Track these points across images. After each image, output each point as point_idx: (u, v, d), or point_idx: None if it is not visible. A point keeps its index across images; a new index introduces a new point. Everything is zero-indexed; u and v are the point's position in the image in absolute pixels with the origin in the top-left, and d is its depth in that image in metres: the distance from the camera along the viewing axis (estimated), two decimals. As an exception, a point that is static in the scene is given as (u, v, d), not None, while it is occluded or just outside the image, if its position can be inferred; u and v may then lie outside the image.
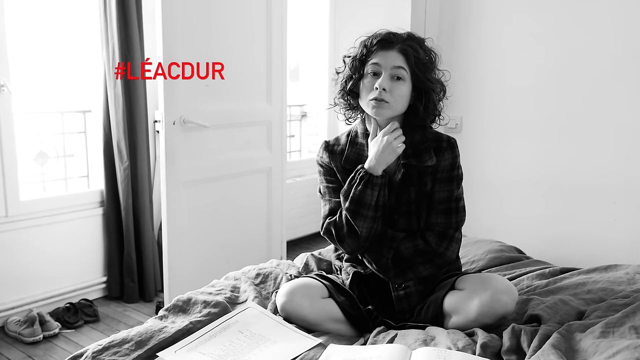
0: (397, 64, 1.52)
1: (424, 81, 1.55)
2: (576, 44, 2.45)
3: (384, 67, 1.53)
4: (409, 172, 1.59)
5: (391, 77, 1.53)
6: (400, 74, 1.53)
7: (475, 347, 1.36)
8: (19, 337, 2.43)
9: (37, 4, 2.74)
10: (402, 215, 1.61)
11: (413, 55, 1.53)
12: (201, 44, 2.58)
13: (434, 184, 1.60)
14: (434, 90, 1.57)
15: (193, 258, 2.68)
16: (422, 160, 1.58)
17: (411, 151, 1.59)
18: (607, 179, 2.42)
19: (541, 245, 2.55)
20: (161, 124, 2.48)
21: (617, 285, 1.75)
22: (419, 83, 1.55)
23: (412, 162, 1.58)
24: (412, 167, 1.59)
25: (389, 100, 1.53)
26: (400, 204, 1.60)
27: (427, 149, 1.59)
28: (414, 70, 1.53)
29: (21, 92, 2.69)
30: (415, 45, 1.55)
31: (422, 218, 1.62)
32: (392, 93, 1.53)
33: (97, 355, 1.36)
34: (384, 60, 1.53)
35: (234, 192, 2.86)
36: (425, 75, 1.55)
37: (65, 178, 2.94)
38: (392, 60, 1.53)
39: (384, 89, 1.52)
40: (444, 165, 1.59)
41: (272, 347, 1.40)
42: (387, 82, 1.52)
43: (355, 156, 1.65)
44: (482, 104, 2.78)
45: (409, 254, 1.59)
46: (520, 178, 2.69)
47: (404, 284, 1.60)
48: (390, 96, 1.53)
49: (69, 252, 2.81)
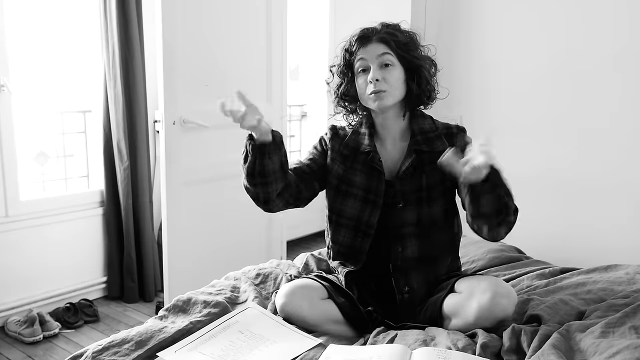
0: (380, 52, 1.57)
1: (410, 60, 1.59)
2: (577, 44, 2.45)
3: (370, 59, 1.58)
4: (420, 159, 1.61)
5: (380, 66, 1.57)
6: (388, 60, 1.57)
7: (475, 347, 1.36)
8: (19, 337, 2.43)
9: (37, 4, 2.73)
10: (412, 204, 1.60)
11: (392, 40, 1.57)
12: (201, 43, 2.58)
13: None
14: (422, 66, 1.61)
15: (193, 258, 2.68)
16: (434, 147, 1.61)
17: (422, 138, 1.62)
18: (607, 179, 2.42)
19: (541, 245, 2.55)
20: (161, 124, 2.48)
21: (617, 285, 1.75)
22: (407, 63, 1.59)
23: (424, 148, 1.61)
24: (423, 153, 1.61)
25: (386, 89, 1.56)
26: (410, 192, 1.60)
27: (438, 136, 1.63)
28: (398, 53, 1.58)
29: (21, 92, 2.69)
30: (391, 31, 1.60)
31: (436, 208, 1.62)
32: (386, 80, 1.56)
33: (97, 355, 1.36)
34: (368, 53, 1.58)
35: (234, 192, 2.85)
36: (411, 54, 1.59)
37: (65, 178, 2.94)
38: (375, 50, 1.57)
39: (377, 80, 1.56)
40: (459, 146, 1.60)
41: (272, 347, 1.40)
42: (378, 73, 1.56)
43: (354, 143, 1.67)
44: (482, 104, 2.78)
45: (414, 256, 1.60)
46: (520, 178, 2.68)
47: (409, 287, 1.60)
48: (386, 84, 1.56)
49: (69, 252, 2.81)
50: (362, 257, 1.64)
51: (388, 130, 1.66)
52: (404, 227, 1.60)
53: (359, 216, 1.63)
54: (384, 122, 1.65)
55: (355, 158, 1.66)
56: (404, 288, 1.60)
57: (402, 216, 1.60)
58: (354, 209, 1.64)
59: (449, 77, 1.72)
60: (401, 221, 1.60)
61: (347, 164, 1.67)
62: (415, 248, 1.61)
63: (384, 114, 1.63)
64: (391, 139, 1.67)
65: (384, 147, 1.67)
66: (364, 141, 1.66)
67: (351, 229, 1.65)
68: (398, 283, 1.60)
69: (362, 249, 1.64)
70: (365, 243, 1.63)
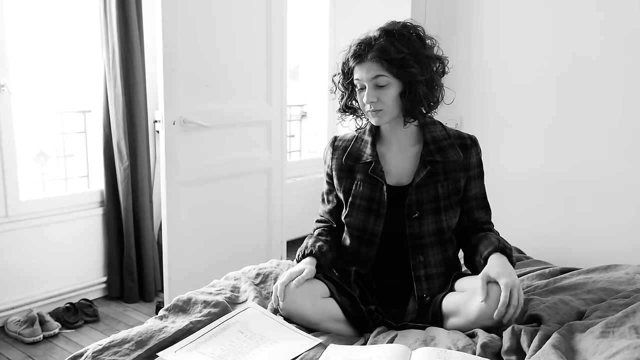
0: (373, 75, 1.53)
1: (405, 76, 1.54)
2: (577, 44, 2.45)
3: (365, 80, 1.55)
4: (435, 169, 1.61)
5: (375, 87, 1.55)
6: (381, 82, 1.54)
7: (475, 347, 1.36)
8: (19, 337, 2.43)
9: (37, 4, 2.74)
10: (429, 213, 1.60)
11: (385, 59, 1.52)
12: (201, 43, 2.58)
13: (469, 181, 1.63)
14: (417, 81, 1.54)
15: (193, 258, 2.68)
16: (447, 156, 1.60)
17: (434, 147, 1.61)
18: (607, 179, 2.42)
19: (541, 245, 2.55)
20: (161, 124, 2.48)
21: (617, 285, 1.75)
22: (402, 79, 1.55)
23: (437, 158, 1.60)
24: (437, 164, 1.61)
25: (382, 108, 1.56)
26: (427, 201, 1.60)
27: (452, 145, 1.62)
28: (392, 71, 1.53)
29: (21, 92, 2.69)
30: (385, 46, 1.52)
31: (451, 217, 1.62)
32: (381, 100, 1.55)
33: (97, 355, 1.36)
34: (362, 74, 1.56)
35: (233, 192, 2.86)
36: (405, 70, 1.53)
37: (65, 178, 2.94)
38: (368, 72, 1.54)
39: (372, 101, 1.55)
40: (473, 162, 1.63)
41: (272, 347, 1.40)
42: (372, 95, 1.54)
43: (357, 153, 1.67)
44: (482, 104, 2.78)
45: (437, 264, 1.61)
46: (520, 178, 2.69)
47: (429, 295, 1.60)
48: (382, 104, 1.55)
49: (69, 252, 2.81)
50: (368, 263, 1.65)
51: (395, 134, 1.65)
52: (423, 237, 1.60)
53: (364, 226, 1.63)
54: (390, 128, 1.65)
55: (359, 169, 1.66)
56: (426, 298, 1.59)
57: (420, 226, 1.60)
58: (357, 220, 1.64)
59: (449, 78, 1.71)
60: (419, 231, 1.60)
61: (353, 176, 1.67)
62: (439, 257, 1.61)
63: (385, 127, 1.65)
64: (398, 144, 1.66)
65: (391, 151, 1.66)
66: (366, 150, 1.65)
67: (355, 238, 1.66)
68: (420, 292, 1.60)
69: (368, 256, 1.65)
70: (371, 251, 1.64)
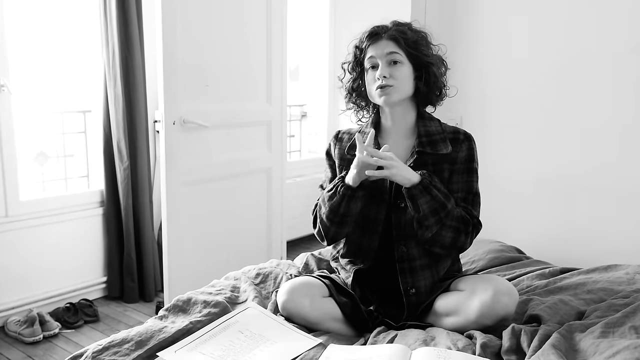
0: (389, 50, 1.60)
1: (420, 57, 1.61)
2: (577, 43, 2.45)
3: (379, 57, 1.60)
4: (423, 160, 1.61)
5: (389, 64, 1.60)
6: (396, 58, 1.59)
7: (475, 347, 1.36)
8: (19, 337, 2.43)
9: (37, 4, 2.74)
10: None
11: (402, 37, 1.59)
12: (201, 43, 2.58)
13: (452, 174, 1.63)
14: (432, 63, 1.62)
15: (193, 258, 2.68)
16: (437, 149, 1.62)
17: (426, 140, 1.63)
18: (607, 179, 2.42)
19: (541, 245, 2.55)
20: (161, 124, 2.48)
21: (617, 285, 1.75)
22: (416, 60, 1.61)
23: (427, 149, 1.62)
24: (427, 155, 1.62)
25: (392, 84, 1.59)
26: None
27: (444, 139, 1.63)
28: (407, 51, 1.60)
29: (21, 92, 2.69)
30: (402, 29, 1.62)
31: None
32: (394, 76, 1.59)
33: (97, 355, 1.36)
34: (377, 51, 1.61)
35: (234, 192, 2.86)
36: (420, 51, 1.61)
37: (65, 178, 2.94)
38: (384, 48, 1.60)
39: (384, 77, 1.58)
40: (461, 156, 1.63)
41: (272, 347, 1.40)
42: (386, 70, 1.59)
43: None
44: (482, 103, 2.78)
45: (419, 256, 1.60)
46: (520, 178, 2.69)
47: (415, 289, 1.60)
48: (393, 80, 1.59)
49: (69, 252, 2.81)
50: (371, 254, 1.64)
51: (394, 127, 1.68)
52: (407, 227, 1.60)
53: (366, 214, 1.64)
54: (391, 119, 1.67)
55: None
56: (411, 290, 1.59)
57: (404, 216, 1.60)
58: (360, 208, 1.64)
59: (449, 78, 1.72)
60: (404, 220, 1.60)
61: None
62: (420, 248, 1.61)
63: (392, 109, 1.65)
64: (396, 137, 1.68)
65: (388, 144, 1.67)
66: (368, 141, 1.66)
67: (358, 227, 1.66)
68: (405, 285, 1.60)
69: (371, 247, 1.64)
70: (374, 241, 1.64)
